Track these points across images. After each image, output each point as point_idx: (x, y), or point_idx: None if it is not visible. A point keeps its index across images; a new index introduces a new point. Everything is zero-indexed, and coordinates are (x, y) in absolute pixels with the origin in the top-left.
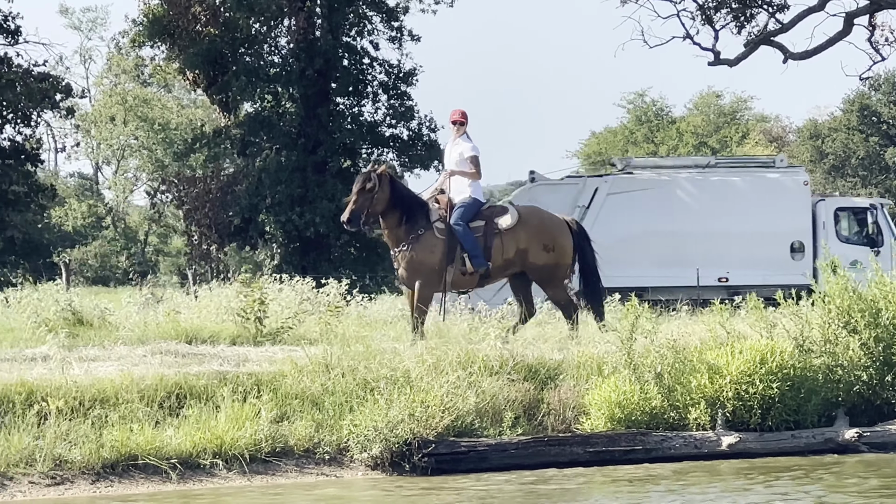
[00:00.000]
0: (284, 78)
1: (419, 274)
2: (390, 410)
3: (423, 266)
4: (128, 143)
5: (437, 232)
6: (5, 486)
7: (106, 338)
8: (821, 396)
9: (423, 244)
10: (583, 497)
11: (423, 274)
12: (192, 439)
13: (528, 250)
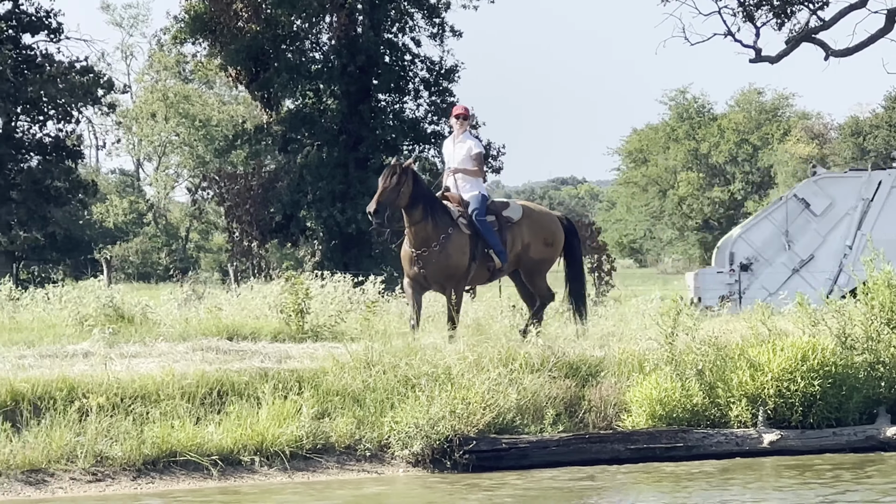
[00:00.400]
0: (326, 74)
1: (452, 275)
2: (431, 407)
3: (457, 267)
4: (169, 139)
5: (464, 229)
6: (47, 482)
7: (147, 334)
8: (862, 394)
9: (454, 244)
10: (626, 494)
11: (456, 275)
12: (233, 436)
13: (531, 245)
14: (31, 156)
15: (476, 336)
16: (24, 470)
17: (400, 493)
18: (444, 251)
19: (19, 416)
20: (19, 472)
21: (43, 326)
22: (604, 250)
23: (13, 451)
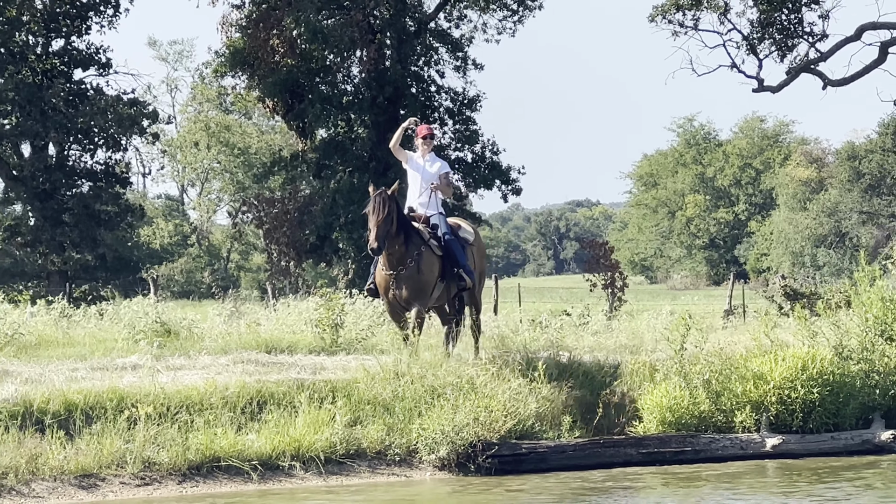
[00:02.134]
0: (357, 105)
1: (424, 293)
2: (456, 415)
3: (427, 285)
4: (211, 166)
5: (435, 250)
6: (98, 486)
7: (191, 348)
8: (858, 401)
9: (426, 263)
10: (640, 495)
11: (426, 293)
12: (271, 442)
13: (478, 262)
14: (82, 182)
15: (499, 349)
16: (77, 475)
17: (428, 496)
18: (418, 270)
19: (72, 425)
20: (72, 477)
21: (94, 341)
22: (617, 268)
23: (67, 458)
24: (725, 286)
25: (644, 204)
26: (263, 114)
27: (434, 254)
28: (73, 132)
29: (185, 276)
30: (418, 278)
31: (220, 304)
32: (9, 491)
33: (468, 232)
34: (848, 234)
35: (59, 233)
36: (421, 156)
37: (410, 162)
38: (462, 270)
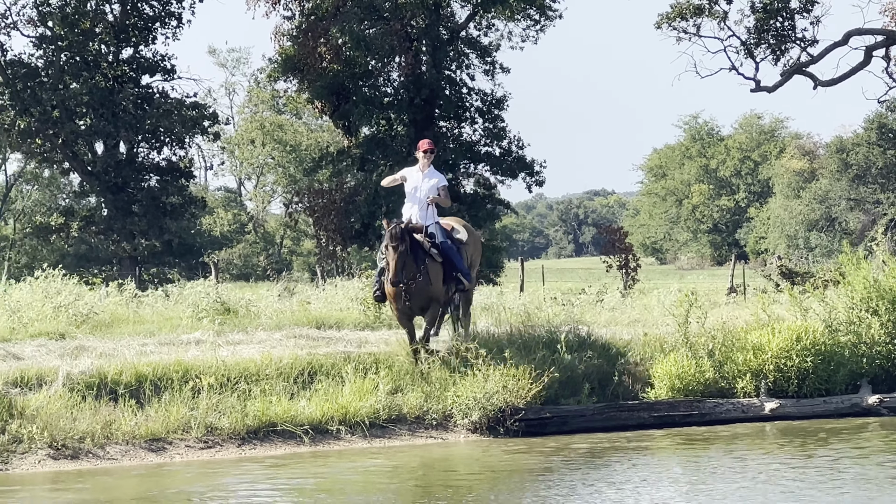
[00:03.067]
0: (396, 106)
1: (433, 301)
2: (487, 383)
3: (435, 293)
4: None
5: (436, 258)
6: (165, 449)
7: (249, 324)
8: (847, 368)
9: (432, 273)
10: (654, 454)
11: (436, 299)
12: (321, 409)
13: (474, 256)
14: (150, 176)
15: (524, 323)
16: (147, 439)
17: (462, 455)
18: (427, 281)
19: (142, 394)
20: (143, 441)
21: (161, 319)
22: (630, 250)
23: (137, 424)
24: (727, 266)
25: (654, 193)
26: (312, 114)
27: (436, 261)
28: (141, 132)
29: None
30: (428, 289)
31: (274, 285)
32: (86, 454)
33: (461, 232)
34: (837, 218)
35: (129, 222)
36: (420, 169)
37: (409, 177)
38: (460, 274)
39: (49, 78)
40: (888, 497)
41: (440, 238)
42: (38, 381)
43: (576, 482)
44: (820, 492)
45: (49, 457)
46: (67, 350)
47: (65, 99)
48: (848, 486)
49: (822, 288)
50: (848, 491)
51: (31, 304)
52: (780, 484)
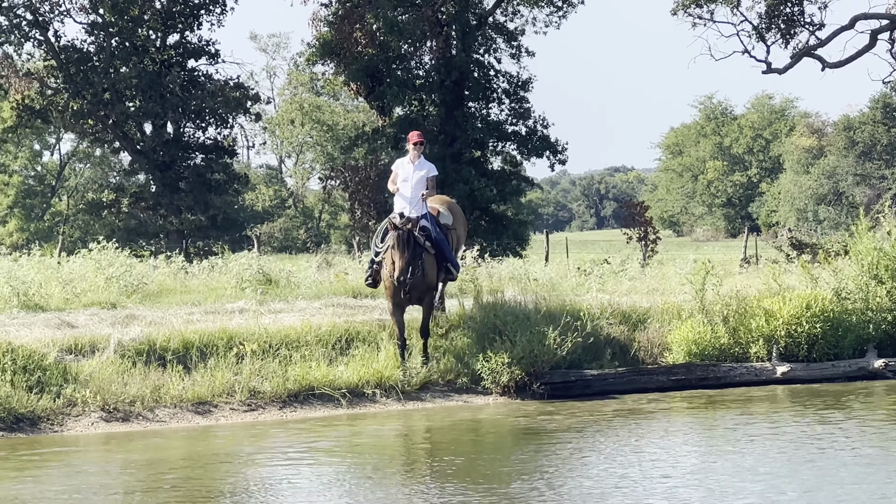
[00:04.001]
0: (427, 87)
1: (430, 291)
2: (515, 348)
3: (432, 283)
4: (304, 140)
5: (430, 250)
6: (211, 411)
7: (289, 294)
8: (854, 334)
9: (428, 266)
10: (673, 415)
11: (433, 289)
12: (358, 374)
13: (461, 235)
14: (195, 155)
15: (549, 291)
16: (194, 402)
17: (493, 416)
18: (423, 275)
19: (189, 360)
20: (190, 404)
21: (207, 289)
22: (649, 223)
23: (185, 388)
24: (741, 238)
25: (671, 169)
26: (349, 95)
27: (430, 254)
28: (187, 113)
29: (284, 233)
30: (425, 281)
31: (312, 257)
32: (136, 416)
33: (446, 216)
34: (844, 193)
35: (176, 198)
36: (411, 161)
37: (401, 168)
38: (450, 264)
39: (100, 62)
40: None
41: (433, 232)
42: (91, 347)
43: (600, 441)
44: (829, 446)
45: (101, 419)
46: (118, 319)
47: (115, 82)
48: (855, 443)
49: (832, 258)
50: (856, 447)
51: (85, 276)
52: (795, 440)
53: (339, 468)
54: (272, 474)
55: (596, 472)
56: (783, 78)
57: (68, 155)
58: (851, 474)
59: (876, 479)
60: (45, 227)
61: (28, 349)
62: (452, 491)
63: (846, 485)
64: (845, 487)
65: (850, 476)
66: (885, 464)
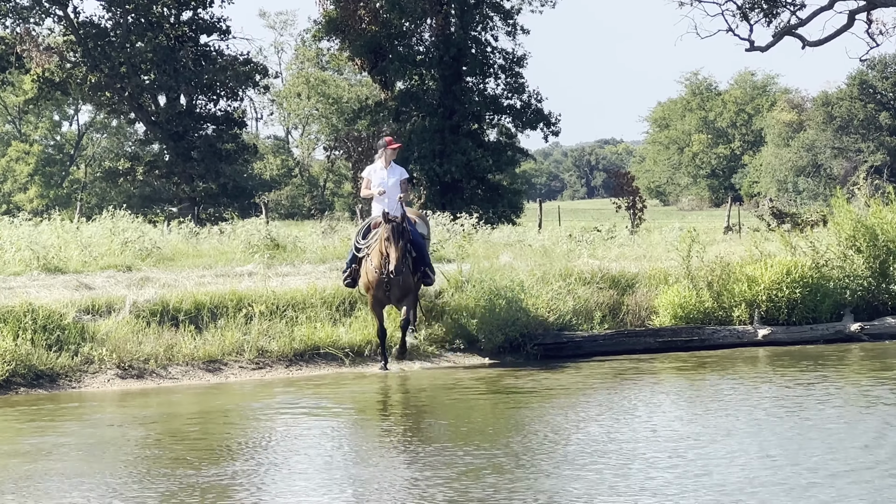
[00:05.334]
0: (427, 63)
1: (411, 290)
2: (509, 311)
3: (412, 284)
4: (310, 113)
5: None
6: (221, 369)
7: (296, 258)
8: (832, 299)
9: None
10: (661, 377)
11: (412, 291)
12: (361, 334)
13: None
14: (207, 126)
15: (542, 257)
16: (205, 361)
17: (488, 374)
18: (407, 273)
19: (201, 321)
20: (201, 363)
21: (217, 253)
22: (637, 193)
23: (196, 347)
24: (724, 208)
25: (658, 142)
26: (353, 70)
27: (411, 255)
28: (199, 86)
29: (290, 200)
30: (408, 280)
31: (318, 224)
32: (150, 374)
33: (422, 226)
34: (823, 165)
35: (188, 167)
36: (383, 166)
37: (373, 175)
38: (427, 268)
39: (117, 37)
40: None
41: (416, 236)
42: (108, 308)
43: (590, 400)
44: (805, 405)
45: (117, 376)
46: (133, 281)
47: (131, 56)
48: (834, 400)
49: (811, 227)
50: (836, 405)
51: (101, 240)
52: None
53: (342, 423)
54: (279, 428)
55: (587, 430)
56: (765, 56)
57: (86, 125)
58: (831, 432)
59: (858, 432)
60: (64, 194)
61: (48, 309)
62: (451, 447)
63: (830, 438)
64: (829, 442)
65: (832, 434)
66: (861, 420)
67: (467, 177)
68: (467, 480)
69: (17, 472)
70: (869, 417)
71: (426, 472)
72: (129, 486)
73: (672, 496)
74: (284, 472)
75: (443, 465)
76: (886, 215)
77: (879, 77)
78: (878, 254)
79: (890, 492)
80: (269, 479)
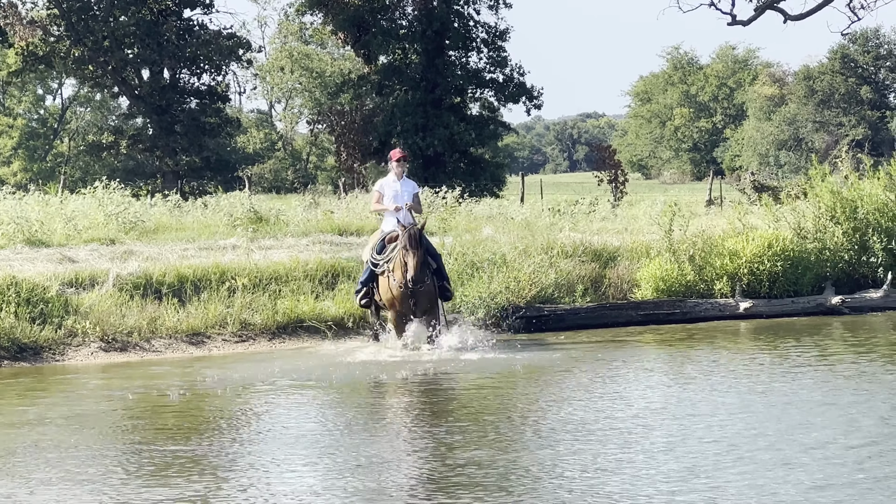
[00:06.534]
0: (410, 37)
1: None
2: (491, 284)
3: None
4: (293, 87)
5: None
6: (204, 342)
7: (278, 232)
8: (813, 272)
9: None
10: (643, 349)
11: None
12: (342, 307)
13: None
14: (190, 99)
15: (524, 230)
16: (188, 333)
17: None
18: (432, 284)
19: (184, 294)
20: (184, 335)
21: (201, 227)
22: (619, 167)
23: (179, 320)
24: (706, 181)
25: (640, 116)
26: (336, 44)
27: (431, 267)
28: (183, 60)
29: (273, 174)
30: (432, 292)
31: (301, 197)
32: (133, 346)
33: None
34: (804, 139)
35: (172, 140)
36: (395, 179)
37: (385, 188)
38: (446, 283)
39: (100, 11)
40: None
41: (431, 248)
42: (91, 281)
43: (573, 373)
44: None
45: (100, 349)
46: (117, 254)
47: (114, 30)
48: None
49: (792, 200)
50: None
51: (85, 214)
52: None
53: (324, 395)
54: (262, 400)
55: (570, 403)
56: (747, 30)
57: (70, 99)
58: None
59: (840, 401)
60: (48, 168)
61: (31, 282)
62: (429, 420)
63: (813, 408)
64: (813, 411)
65: (816, 404)
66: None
67: (450, 150)
68: (445, 453)
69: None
70: (847, 390)
71: (403, 445)
72: (119, 457)
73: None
74: (267, 445)
75: (420, 438)
76: (866, 188)
77: (861, 51)
78: (859, 227)
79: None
80: (252, 451)
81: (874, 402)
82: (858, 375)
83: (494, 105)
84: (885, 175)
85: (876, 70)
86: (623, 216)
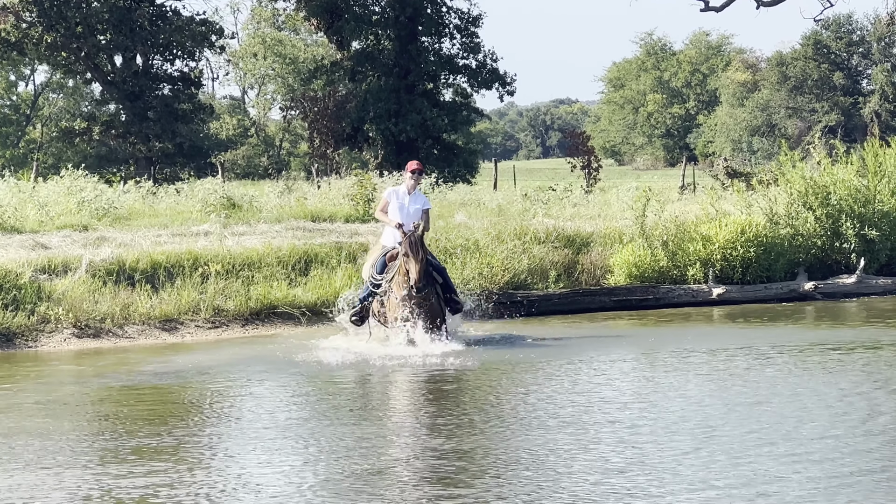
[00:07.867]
0: (383, 23)
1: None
2: (464, 270)
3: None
4: (266, 73)
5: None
6: (178, 328)
7: (252, 218)
8: (786, 258)
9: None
10: (619, 333)
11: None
12: (316, 293)
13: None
14: (163, 86)
15: (497, 216)
16: (161, 320)
17: None
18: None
19: (157, 280)
20: (157, 322)
21: (174, 213)
22: (592, 153)
23: (152, 306)
24: (679, 167)
25: (613, 102)
26: (308, 30)
27: (437, 282)
28: (156, 46)
29: (246, 160)
30: (437, 306)
31: (274, 183)
32: (106, 333)
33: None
34: (777, 125)
35: (145, 126)
36: (407, 192)
37: (394, 198)
38: (453, 294)
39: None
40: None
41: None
42: (64, 267)
43: (546, 359)
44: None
45: (73, 336)
46: (90, 240)
47: (87, 16)
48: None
49: (765, 186)
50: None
51: (58, 200)
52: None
53: (298, 380)
54: (235, 386)
55: (544, 390)
56: (720, 16)
57: (42, 85)
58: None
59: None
60: (20, 154)
61: (4, 269)
62: (407, 406)
63: (799, 396)
64: (797, 398)
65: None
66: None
67: (423, 136)
68: (423, 437)
69: None
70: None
71: (373, 428)
72: (94, 444)
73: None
74: (242, 430)
75: (393, 422)
76: (839, 174)
77: (833, 37)
78: (832, 212)
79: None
80: (226, 438)
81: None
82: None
83: (467, 91)
84: (857, 160)
85: (849, 56)
86: (596, 202)
